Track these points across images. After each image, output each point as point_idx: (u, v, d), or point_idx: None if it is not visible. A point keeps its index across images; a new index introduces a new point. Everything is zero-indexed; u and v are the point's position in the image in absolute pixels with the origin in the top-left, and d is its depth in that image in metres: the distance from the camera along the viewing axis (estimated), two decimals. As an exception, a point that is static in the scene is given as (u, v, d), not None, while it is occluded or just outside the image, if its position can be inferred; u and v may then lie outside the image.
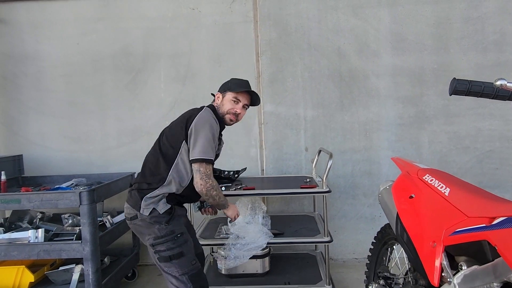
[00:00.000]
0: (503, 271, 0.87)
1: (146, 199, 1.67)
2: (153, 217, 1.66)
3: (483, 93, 0.97)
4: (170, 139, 1.75)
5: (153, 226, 1.65)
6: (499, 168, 2.89)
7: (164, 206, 1.68)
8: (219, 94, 1.89)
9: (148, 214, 1.65)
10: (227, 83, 1.91)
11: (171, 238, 1.65)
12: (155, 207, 1.66)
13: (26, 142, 3.08)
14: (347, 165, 2.98)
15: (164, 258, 1.64)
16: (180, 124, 1.75)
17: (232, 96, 1.85)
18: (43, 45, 3.05)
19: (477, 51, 2.88)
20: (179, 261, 1.64)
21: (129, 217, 1.71)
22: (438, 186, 1.31)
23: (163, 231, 1.65)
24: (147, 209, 1.66)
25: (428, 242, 1.21)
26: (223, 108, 1.85)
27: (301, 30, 2.96)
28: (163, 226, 1.65)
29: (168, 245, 1.64)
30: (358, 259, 2.98)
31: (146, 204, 1.66)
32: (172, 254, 1.63)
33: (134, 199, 1.69)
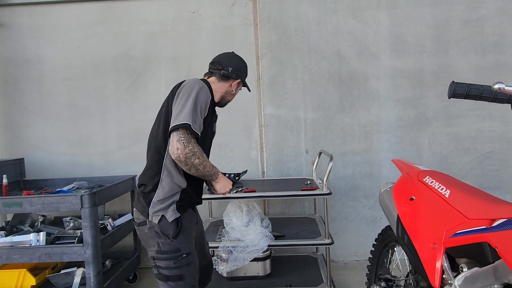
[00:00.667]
0: (504, 273, 0.87)
1: (154, 205, 1.48)
2: (161, 227, 1.47)
3: (481, 96, 0.97)
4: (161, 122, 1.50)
5: (158, 238, 1.48)
6: (499, 169, 2.90)
7: (174, 214, 1.48)
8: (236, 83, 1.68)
9: (157, 222, 1.47)
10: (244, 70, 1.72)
11: (173, 256, 1.47)
12: (164, 214, 1.47)
13: (27, 145, 3.09)
14: (348, 167, 2.99)
15: (160, 276, 1.48)
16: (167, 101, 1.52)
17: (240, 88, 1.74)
18: (44, 49, 3.07)
19: (476, 53, 2.89)
20: (175, 285, 1.47)
21: (138, 222, 1.54)
22: (438, 188, 1.32)
23: (166, 247, 1.47)
24: (156, 216, 1.47)
25: (429, 244, 1.22)
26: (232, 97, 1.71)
27: (301, 32, 2.98)
28: (168, 241, 1.47)
29: (168, 264, 1.46)
30: (360, 261, 2.98)
31: (154, 211, 1.47)
32: (170, 275, 1.46)
33: (141, 204, 1.52)
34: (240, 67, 1.71)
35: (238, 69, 1.68)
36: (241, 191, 2.33)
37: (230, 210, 2.44)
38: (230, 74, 1.65)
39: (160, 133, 1.49)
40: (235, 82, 1.68)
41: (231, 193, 2.31)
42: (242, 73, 1.71)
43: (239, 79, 1.68)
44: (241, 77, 1.70)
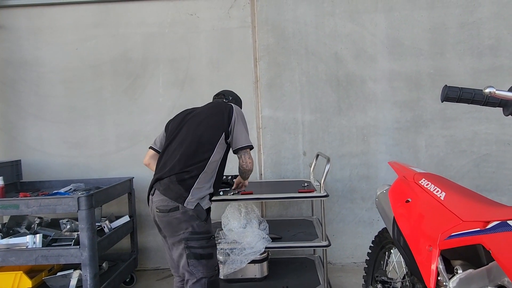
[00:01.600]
0: (497, 275, 0.88)
1: (193, 193, 1.70)
2: (196, 211, 1.69)
3: (473, 100, 0.98)
4: (210, 127, 1.83)
5: (193, 220, 1.68)
6: (495, 172, 2.91)
7: (207, 204, 1.76)
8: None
9: (193, 208, 1.68)
10: (240, 103, 2.21)
11: (206, 237, 1.70)
12: (200, 203, 1.71)
13: (24, 147, 3.08)
14: (345, 169, 3.00)
15: (194, 255, 1.67)
16: (221, 115, 1.86)
17: None
18: (42, 51, 3.07)
19: (472, 56, 2.91)
20: (207, 262, 1.69)
21: (167, 209, 1.68)
22: (434, 190, 1.32)
23: (201, 228, 1.69)
24: (192, 203, 1.69)
25: (424, 246, 1.22)
26: None
27: (299, 35, 2.99)
28: (202, 223, 1.69)
29: (202, 243, 1.68)
30: (357, 263, 2.98)
31: (192, 198, 1.69)
32: (204, 253, 1.68)
33: (176, 191, 1.69)
34: (238, 99, 2.21)
35: (236, 99, 2.19)
36: (239, 193, 2.33)
37: (229, 212, 2.44)
38: (230, 101, 2.12)
39: (208, 138, 1.81)
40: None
41: (228, 195, 2.32)
42: (238, 104, 2.17)
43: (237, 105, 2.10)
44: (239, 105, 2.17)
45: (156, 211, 1.73)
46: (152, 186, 1.79)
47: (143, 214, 3.04)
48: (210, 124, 1.84)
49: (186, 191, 1.69)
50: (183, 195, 1.69)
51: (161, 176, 1.76)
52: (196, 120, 1.88)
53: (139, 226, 3.02)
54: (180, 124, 1.91)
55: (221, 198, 2.26)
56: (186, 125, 1.89)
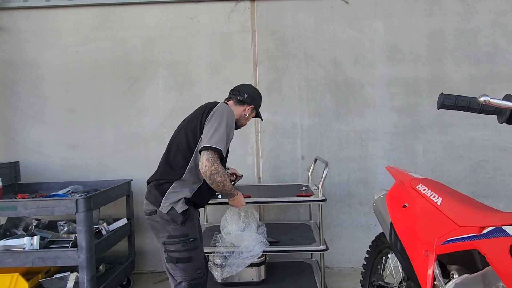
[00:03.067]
0: (492, 280, 0.89)
1: (167, 197, 1.69)
2: (170, 215, 1.68)
3: (469, 107, 1.00)
4: (189, 132, 1.76)
5: (168, 225, 1.68)
6: (492, 178, 2.93)
7: (182, 206, 1.70)
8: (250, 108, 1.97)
9: (166, 212, 1.68)
10: (259, 101, 2.03)
11: (182, 240, 1.68)
12: (174, 206, 1.69)
13: (23, 148, 3.08)
14: (343, 173, 3.01)
15: (171, 259, 1.67)
16: (198, 116, 1.77)
17: (254, 115, 2.03)
18: (42, 53, 3.08)
19: (470, 63, 2.94)
20: (184, 266, 1.67)
21: (148, 212, 1.74)
22: (430, 195, 1.34)
23: (177, 232, 1.68)
24: (166, 207, 1.68)
25: (421, 251, 1.23)
26: (245, 121, 2.01)
27: (298, 40, 3.01)
28: (177, 227, 1.68)
29: (177, 247, 1.67)
30: (354, 268, 2.98)
31: (166, 202, 1.69)
32: (180, 257, 1.66)
33: (154, 196, 1.72)
34: (255, 95, 2.00)
35: (253, 96, 1.98)
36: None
37: (228, 215, 2.44)
38: (246, 99, 1.95)
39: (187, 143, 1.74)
40: (249, 108, 1.97)
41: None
42: (256, 101, 2.00)
43: (252, 105, 1.97)
44: (255, 104, 1.99)
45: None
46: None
47: (140, 217, 3.04)
48: (189, 127, 1.77)
49: (161, 195, 1.70)
50: (159, 199, 1.70)
51: (148, 180, 1.82)
52: (181, 125, 1.85)
53: (136, 229, 3.01)
54: (176, 130, 1.90)
55: (219, 201, 2.27)
56: (176, 130, 1.88)
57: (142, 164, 3.05)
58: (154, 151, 3.05)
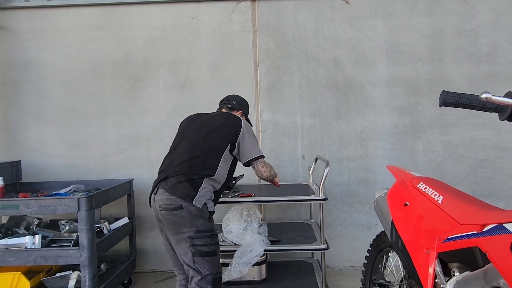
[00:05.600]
0: (493, 277, 0.90)
1: (201, 192, 1.76)
2: (201, 211, 1.74)
3: (470, 105, 1.01)
4: (219, 138, 1.90)
5: (197, 219, 1.73)
6: (492, 177, 2.94)
7: (212, 205, 1.82)
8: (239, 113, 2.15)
9: (200, 206, 1.74)
10: (248, 109, 2.25)
11: (211, 235, 1.75)
12: (207, 202, 1.77)
13: (24, 148, 3.09)
14: (344, 173, 3.02)
15: (199, 253, 1.72)
16: (229, 128, 1.93)
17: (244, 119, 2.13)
18: (44, 52, 3.09)
19: (470, 62, 2.95)
20: (212, 260, 1.74)
21: (171, 207, 1.72)
22: (431, 194, 1.34)
23: (206, 226, 1.74)
24: (200, 202, 1.75)
25: (422, 249, 1.24)
26: None
27: (299, 40, 3.02)
28: (206, 222, 1.75)
29: (206, 241, 1.73)
30: (355, 267, 2.99)
31: (200, 196, 1.75)
32: (208, 251, 1.73)
33: (184, 190, 1.74)
34: (243, 102, 2.22)
35: (241, 103, 2.20)
36: (238, 196, 2.34)
37: (230, 215, 2.44)
38: (234, 106, 2.16)
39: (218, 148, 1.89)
40: (238, 113, 2.14)
41: (228, 197, 2.33)
42: (243, 107, 2.20)
43: (241, 110, 2.17)
44: (243, 110, 2.19)
45: (159, 210, 1.75)
46: (157, 185, 1.81)
47: (142, 216, 3.05)
48: (220, 134, 1.91)
49: (195, 190, 1.75)
50: (191, 193, 1.74)
51: (167, 175, 1.80)
52: (206, 128, 1.94)
53: (138, 228, 3.02)
54: (190, 128, 1.98)
55: (221, 200, 2.27)
56: (195, 130, 1.95)
57: (143, 163, 3.06)
58: (156, 150, 3.06)
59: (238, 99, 2.21)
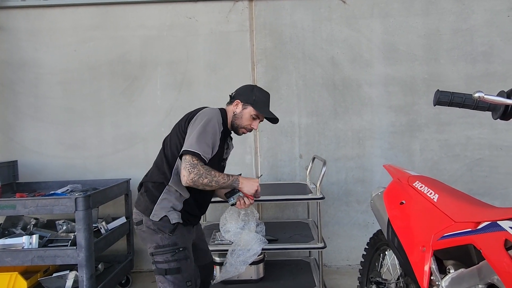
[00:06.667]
0: (488, 274, 0.91)
1: (160, 203, 1.57)
2: (160, 224, 1.56)
3: (464, 104, 1.02)
4: (173, 138, 1.65)
5: (156, 234, 1.56)
6: (488, 176, 2.96)
7: (176, 218, 1.58)
8: (239, 103, 1.72)
9: (158, 220, 1.56)
10: (251, 94, 1.73)
11: (171, 250, 1.55)
12: (168, 215, 1.57)
13: (21, 148, 3.08)
14: (341, 172, 3.03)
15: (159, 271, 1.56)
16: (183, 120, 1.66)
17: (254, 113, 1.71)
18: (41, 52, 3.07)
19: (466, 62, 2.97)
20: (174, 278, 1.54)
21: (135, 222, 1.64)
22: (427, 192, 1.36)
23: (166, 241, 1.56)
24: (157, 215, 1.57)
25: (418, 247, 1.25)
26: (240, 121, 1.72)
27: (296, 39, 3.03)
28: (166, 236, 1.56)
29: (166, 257, 1.55)
30: (352, 266, 3.00)
31: (158, 209, 1.57)
32: (169, 268, 1.54)
33: (143, 203, 1.61)
34: (244, 90, 1.77)
35: (242, 92, 1.76)
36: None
37: (228, 214, 2.45)
38: (233, 96, 1.77)
39: (170, 149, 1.65)
40: (235, 102, 1.73)
41: None
42: (244, 96, 1.73)
43: (237, 99, 1.73)
44: (240, 98, 1.73)
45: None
46: None
47: (139, 215, 3.05)
48: (174, 131, 1.67)
49: (152, 203, 1.58)
50: (149, 206, 1.58)
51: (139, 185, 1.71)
52: (174, 127, 1.72)
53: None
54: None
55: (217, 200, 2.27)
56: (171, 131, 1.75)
57: (141, 163, 3.05)
58: (153, 150, 3.04)
59: (242, 87, 1.82)
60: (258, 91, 1.77)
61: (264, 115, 1.73)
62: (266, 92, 1.81)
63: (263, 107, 1.74)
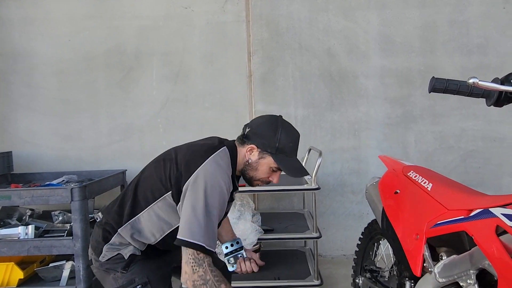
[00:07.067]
0: (479, 259, 0.93)
1: (112, 243, 1.31)
2: (110, 263, 1.30)
3: (459, 91, 1.03)
4: (152, 180, 1.30)
5: (108, 275, 1.30)
6: (481, 167, 2.99)
7: (131, 250, 1.31)
8: (255, 149, 1.32)
9: (105, 260, 1.30)
10: (273, 139, 1.29)
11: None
12: (120, 252, 1.31)
13: (15, 139, 3.05)
14: (336, 163, 3.04)
15: None
16: (172, 164, 1.27)
17: (275, 166, 1.33)
18: (34, 42, 3.03)
19: (462, 54, 2.98)
20: None
21: (89, 259, 1.39)
22: (421, 181, 1.37)
23: (119, 281, 1.28)
24: (107, 255, 1.31)
25: (412, 235, 1.27)
26: (255, 173, 1.35)
27: (292, 30, 3.02)
28: (118, 274, 1.29)
29: None
30: (346, 256, 3.04)
31: (110, 249, 1.31)
32: None
33: (96, 240, 1.34)
34: (266, 129, 1.31)
35: (261, 132, 1.31)
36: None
37: None
38: (247, 133, 1.33)
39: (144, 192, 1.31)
40: (249, 147, 1.32)
41: None
42: (259, 138, 1.30)
43: (252, 144, 1.31)
44: (258, 143, 1.30)
45: None
46: None
47: (135, 206, 3.05)
48: (158, 171, 1.30)
49: (104, 241, 1.31)
50: (99, 246, 1.32)
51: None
52: (158, 158, 1.37)
53: (131, 219, 3.02)
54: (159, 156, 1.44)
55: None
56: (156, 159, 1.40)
57: (136, 155, 3.05)
58: (149, 141, 3.05)
59: (259, 122, 1.37)
60: (284, 133, 1.31)
61: (290, 175, 1.33)
62: (294, 132, 1.38)
63: (288, 161, 1.33)
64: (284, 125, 1.35)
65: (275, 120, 1.36)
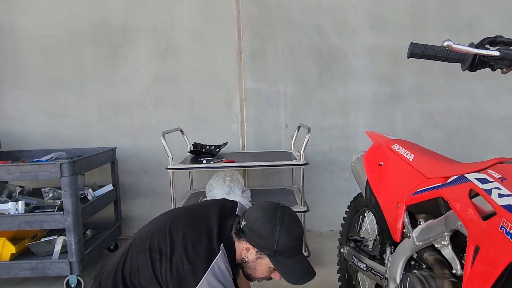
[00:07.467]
0: (453, 221, 0.98)
1: None
2: None
3: (435, 56, 1.06)
4: (146, 270, 1.18)
5: None
6: (466, 145, 3.07)
7: None
8: (251, 249, 1.20)
9: None
10: (270, 239, 1.16)
11: None
12: None
13: (2, 116, 3.01)
14: (325, 141, 3.09)
15: None
16: (169, 264, 1.15)
17: (273, 267, 1.22)
18: (17, 17, 2.94)
19: (450, 33, 2.99)
20: None
21: None
22: (404, 153, 1.42)
23: None
24: None
25: (393, 204, 1.33)
26: (253, 272, 1.25)
27: (283, 7, 2.98)
28: None
29: None
30: (334, 231, 3.13)
31: None
32: None
33: None
34: (262, 226, 1.16)
35: (257, 228, 1.17)
36: (221, 161, 2.39)
37: (214, 181, 2.49)
38: (242, 227, 1.20)
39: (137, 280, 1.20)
40: (245, 247, 1.20)
41: (211, 163, 2.37)
42: (261, 239, 1.16)
43: (250, 244, 1.18)
44: (258, 244, 1.17)
45: None
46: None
47: (126, 184, 3.07)
48: (150, 263, 1.18)
49: None
50: None
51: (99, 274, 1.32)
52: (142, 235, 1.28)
53: (122, 196, 3.04)
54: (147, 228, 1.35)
55: (204, 165, 2.31)
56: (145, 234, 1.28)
57: (126, 132, 3.04)
58: (138, 119, 3.03)
59: (254, 217, 1.21)
60: (284, 232, 1.17)
61: (290, 282, 1.20)
62: (296, 228, 1.23)
63: (289, 264, 1.19)
64: (283, 220, 1.19)
65: (274, 213, 1.20)
